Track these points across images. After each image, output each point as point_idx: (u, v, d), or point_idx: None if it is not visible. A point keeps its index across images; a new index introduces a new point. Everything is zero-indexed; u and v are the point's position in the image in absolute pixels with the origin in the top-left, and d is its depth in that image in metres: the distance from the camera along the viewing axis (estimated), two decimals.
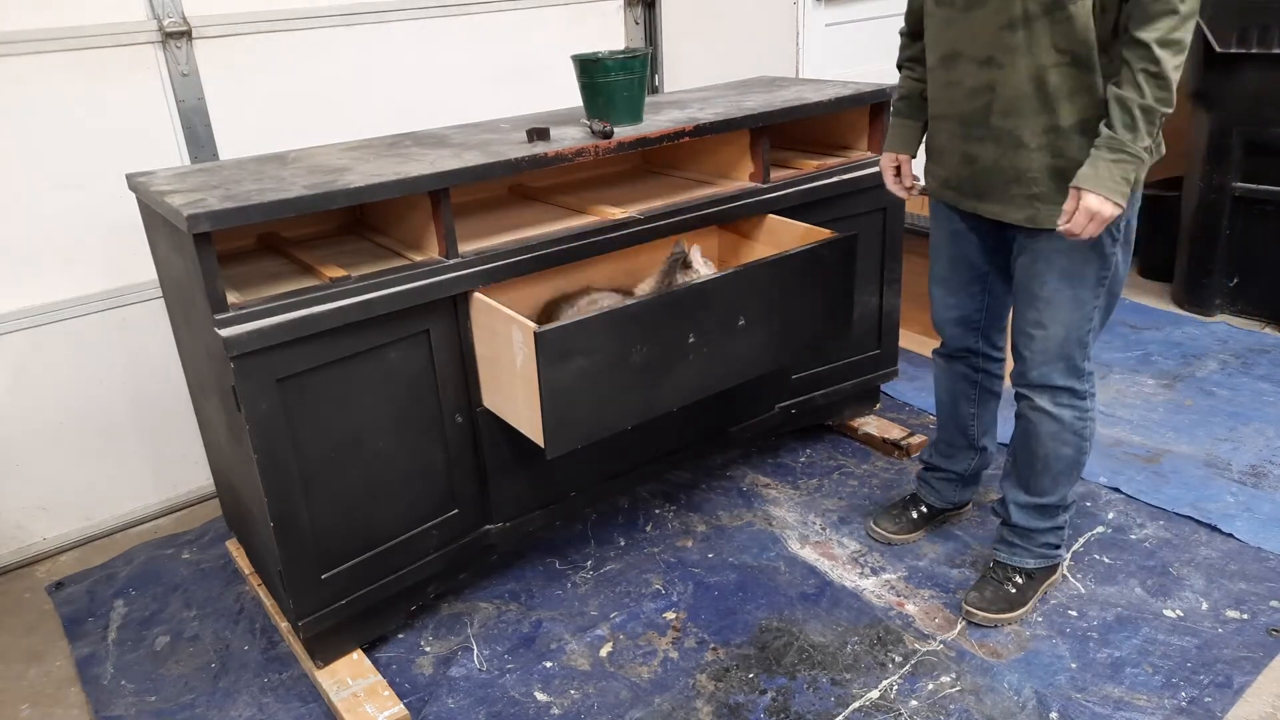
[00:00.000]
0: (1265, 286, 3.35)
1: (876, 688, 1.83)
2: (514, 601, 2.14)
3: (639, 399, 1.86)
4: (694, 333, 1.88)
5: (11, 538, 2.39)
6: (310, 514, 1.77)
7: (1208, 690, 1.78)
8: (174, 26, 2.25)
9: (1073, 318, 1.79)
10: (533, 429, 1.77)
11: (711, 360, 1.91)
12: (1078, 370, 1.85)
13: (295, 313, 1.65)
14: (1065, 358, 1.83)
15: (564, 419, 1.74)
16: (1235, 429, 2.67)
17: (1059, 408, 1.87)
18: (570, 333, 1.70)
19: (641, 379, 1.84)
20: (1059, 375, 1.85)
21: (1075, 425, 1.88)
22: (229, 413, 1.73)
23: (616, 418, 1.84)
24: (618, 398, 1.82)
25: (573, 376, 1.72)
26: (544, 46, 2.87)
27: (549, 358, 1.67)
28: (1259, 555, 2.14)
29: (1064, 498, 1.97)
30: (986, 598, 2.00)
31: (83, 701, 1.94)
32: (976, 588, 2.03)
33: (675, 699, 1.83)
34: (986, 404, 2.16)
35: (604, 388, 1.78)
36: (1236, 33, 3.10)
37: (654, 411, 1.90)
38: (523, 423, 1.82)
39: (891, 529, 2.25)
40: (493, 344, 1.84)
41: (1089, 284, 1.77)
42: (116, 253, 2.32)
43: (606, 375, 1.78)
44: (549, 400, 1.70)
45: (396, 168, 1.81)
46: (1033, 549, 2.00)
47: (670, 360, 1.86)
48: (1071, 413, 1.88)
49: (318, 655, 1.89)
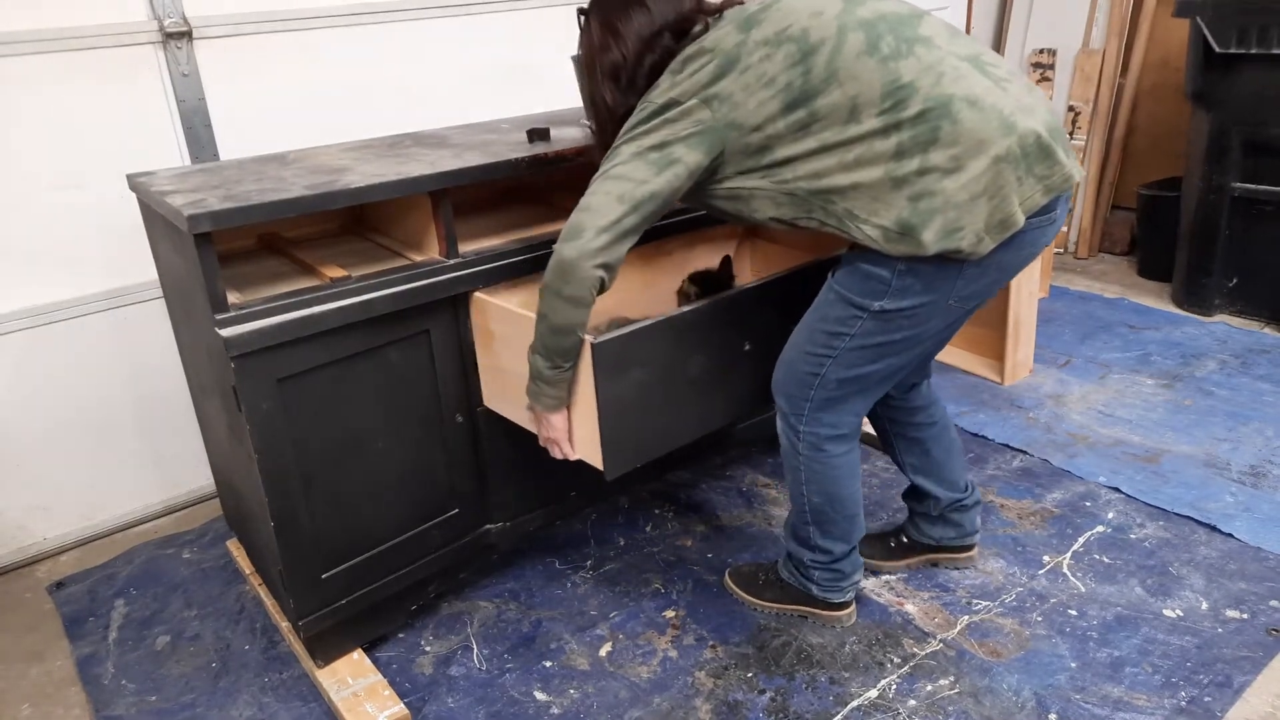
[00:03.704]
0: (1265, 287, 3.35)
1: (875, 687, 1.83)
2: (514, 601, 2.15)
3: (696, 413, 1.80)
4: (749, 340, 1.83)
5: (12, 538, 2.39)
6: (311, 514, 1.77)
7: (1207, 690, 1.78)
8: (174, 27, 2.26)
9: (800, 348, 1.72)
10: (588, 449, 1.69)
11: (766, 369, 1.82)
12: (795, 404, 1.75)
13: (296, 313, 1.65)
14: (786, 380, 1.75)
15: (623, 436, 1.66)
16: (1235, 429, 2.67)
17: (779, 426, 1.82)
18: (628, 342, 1.62)
19: (698, 391, 1.78)
20: (781, 395, 1.77)
21: (789, 456, 1.82)
22: (229, 412, 1.74)
23: (674, 433, 1.77)
24: (675, 412, 1.75)
25: (631, 390, 1.65)
26: (545, 47, 2.87)
27: (606, 370, 1.59)
28: (1258, 555, 2.14)
29: (807, 534, 1.88)
30: (741, 571, 2.10)
31: (83, 701, 1.94)
32: (745, 564, 2.13)
33: (674, 698, 1.84)
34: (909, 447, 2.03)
35: (661, 401, 1.71)
36: (1236, 33, 3.11)
37: (710, 426, 1.84)
38: (578, 443, 1.72)
39: (865, 553, 2.11)
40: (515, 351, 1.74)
41: (823, 328, 1.67)
42: (117, 253, 2.32)
43: (663, 388, 1.71)
44: (608, 417, 1.62)
45: (397, 168, 1.82)
46: (788, 563, 1.99)
47: (726, 370, 1.81)
48: (785, 439, 1.81)
49: (318, 655, 1.90)
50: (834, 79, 1.47)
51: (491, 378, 1.90)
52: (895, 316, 1.60)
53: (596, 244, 1.50)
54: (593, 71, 1.70)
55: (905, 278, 1.55)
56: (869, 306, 1.60)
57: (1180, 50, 3.54)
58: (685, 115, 1.52)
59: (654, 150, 1.52)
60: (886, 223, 1.48)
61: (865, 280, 1.59)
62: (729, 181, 1.60)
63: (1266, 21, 3.04)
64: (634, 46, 1.62)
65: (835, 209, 1.52)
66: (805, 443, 1.78)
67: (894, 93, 1.45)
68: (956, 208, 1.46)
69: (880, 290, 1.58)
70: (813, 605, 1.98)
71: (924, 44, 1.50)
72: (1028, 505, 2.38)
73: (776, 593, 2.02)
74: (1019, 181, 1.48)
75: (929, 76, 1.46)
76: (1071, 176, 1.54)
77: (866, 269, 1.58)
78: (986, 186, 1.46)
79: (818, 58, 1.48)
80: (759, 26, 1.53)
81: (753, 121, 1.51)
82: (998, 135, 1.45)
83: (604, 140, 1.70)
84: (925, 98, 1.45)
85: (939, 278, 1.55)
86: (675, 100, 1.53)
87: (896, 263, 1.54)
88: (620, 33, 1.63)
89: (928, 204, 1.46)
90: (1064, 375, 3.06)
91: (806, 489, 1.82)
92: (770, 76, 1.49)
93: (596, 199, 1.53)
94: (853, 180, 1.49)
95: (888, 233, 1.49)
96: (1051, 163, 1.50)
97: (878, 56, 1.47)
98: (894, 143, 1.46)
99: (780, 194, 1.56)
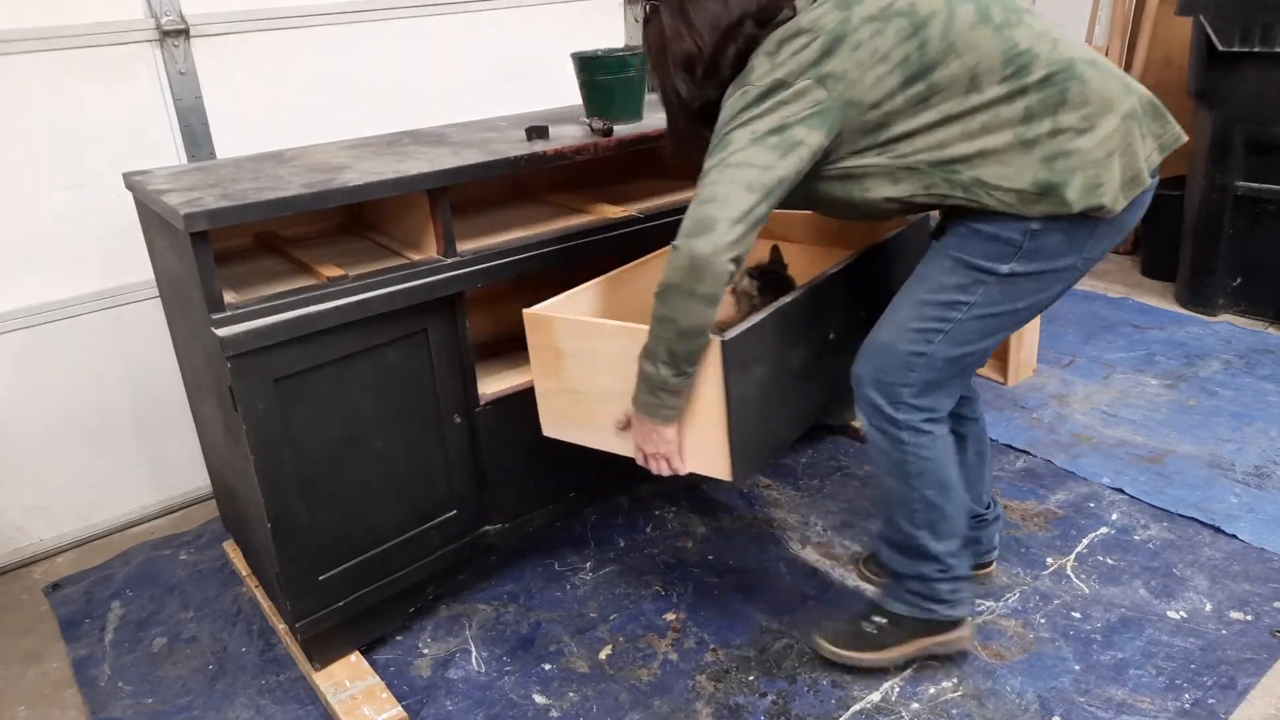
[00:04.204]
0: (1269, 286, 3.34)
1: (877, 690, 1.82)
2: (513, 603, 2.13)
3: (798, 408, 1.73)
4: (833, 329, 1.76)
5: (8, 539, 2.38)
6: (308, 515, 1.75)
7: (1211, 692, 1.77)
8: (171, 25, 2.24)
9: (902, 326, 1.61)
10: (706, 457, 1.57)
11: (844, 359, 1.74)
12: (892, 392, 1.62)
13: (292, 312, 1.63)
14: (880, 368, 1.63)
15: (749, 439, 1.56)
16: (1239, 429, 2.65)
17: (870, 427, 1.67)
18: (751, 337, 1.53)
19: (798, 385, 1.71)
20: (871, 386, 1.64)
21: (891, 454, 1.66)
22: (226, 413, 1.72)
23: (784, 432, 1.70)
24: (785, 408, 1.67)
25: (752, 388, 1.55)
26: (544, 44, 2.86)
27: (735, 369, 1.49)
28: (1263, 556, 2.13)
29: (919, 543, 1.72)
30: (838, 630, 1.85)
31: (79, 703, 1.93)
32: (834, 620, 1.89)
33: (675, 701, 1.82)
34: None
35: (775, 398, 1.63)
36: (1239, 31, 3.09)
37: (808, 421, 1.77)
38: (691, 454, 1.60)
39: (877, 571, 2.09)
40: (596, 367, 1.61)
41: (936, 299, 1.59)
42: (113, 252, 2.31)
43: (775, 384, 1.62)
44: (738, 419, 1.52)
45: (395, 166, 1.80)
46: (901, 593, 1.80)
47: (817, 361, 1.74)
48: (882, 437, 1.66)
49: (315, 657, 1.88)
50: (951, 50, 1.46)
51: (557, 402, 1.73)
52: (1023, 280, 1.55)
53: (731, 236, 1.43)
54: (664, 62, 1.63)
55: (1039, 238, 1.51)
56: (996, 270, 1.54)
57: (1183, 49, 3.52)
58: (800, 96, 1.47)
59: (773, 134, 1.47)
60: (1022, 185, 1.46)
61: (990, 242, 1.53)
62: (843, 162, 1.55)
63: (1270, 20, 3.03)
64: (711, 37, 1.56)
65: (960, 179, 1.50)
66: (908, 430, 1.65)
67: (1014, 59, 1.45)
68: (1095, 164, 1.45)
69: (1009, 252, 1.52)
70: (940, 631, 1.81)
71: (1029, 13, 1.51)
72: (1031, 506, 2.36)
73: (899, 634, 1.81)
74: (1142, 139, 1.50)
75: (1045, 42, 1.47)
76: (1180, 136, 1.56)
77: (991, 230, 1.53)
78: (1119, 144, 1.47)
79: (930, 30, 1.46)
80: (861, 4, 1.49)
81: (871, 98, 1.48)
82: (1121, 94, 1.48)
83: (675, 131, 1.69)
84: (1048, 62, 1.45)
85: (1074, 236, 1.52)
86: (783, 81, 1.48)
87: (1030, 222, 1.50)
88: (694, 22, 1.57)
89: (1065, 163, 1.45)
90: (1068, 375, 3.04)
91: (917, 484, 1.68)
92: (884, 52, 1.46)
93: (722, 188, 1.45)
94: (978, 148, 1.47)
95: (1024, 195, 1.47)
96: (1164, 122, 1.54)
97: (992, 26, 1.46)
98: (1021, 107, 1.45)
99: (899, 169, 1.53)
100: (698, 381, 1.52)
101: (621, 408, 1.63)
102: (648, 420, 1.56)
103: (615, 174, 2.50)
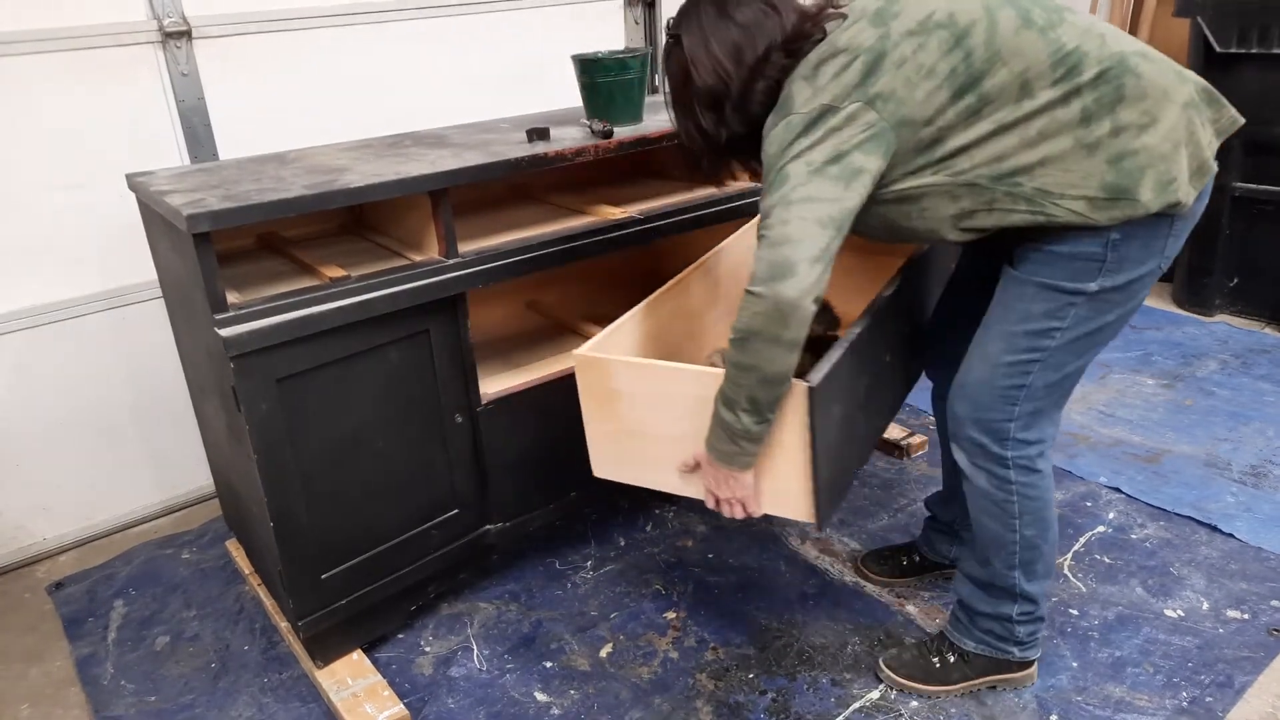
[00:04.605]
0: (1265, 286, 3.35)
1: (877, 688, 1.83)
2: (514, 601, 2.14)
3: (865, 437, 1.69)
4: (889, 351, 1.72)
5: (11, 538, 2.39)
6: (310, 514, 1.76)
7: (1209, 690, 1.78)
8: (174, 26, 2.25)
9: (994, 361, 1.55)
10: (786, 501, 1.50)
11: (896, 379, 1.70)
12: (997, 430, 1.57)
13: (295, 313, 1.64)
14: (979, 406, 1.57)
15: (831, 479, 1.50)
16: (1235, 429, 2.66)
17: (974, 468, 1.62)
18: (833, 377, 1.47)
19: (865, 415, 1.66)
20: (974, 426, 1.59)
21: (994, 495, 1.62)
22: (229, 413, 1.73)
23: (855, 464, 1.65)
24: (857, 440, 1.64)
25: (833, 428, 1.49)
26: (544, 46, 2.87)
27: (821, 412, 1.43)
28: (1259, 555, 2.14)
29: (1010, 583, 1.69)
30: (903, 659, 1.83)
31: (82, 701, 1.94)
32: (901, 646, 1.89)
33: (675, 699, 1.83)
34: None
35: (850, 433, 1.59)
36: (1236, 32, 3.11)
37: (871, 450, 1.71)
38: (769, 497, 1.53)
39: (875, 570, 2.11)
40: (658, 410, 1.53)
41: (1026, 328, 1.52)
42: (116, 253, 2.32)
43: (849, 417, 1.58)
44: (822, 461, 1.45)
45: (396, 167, 1.81)
46: (975, 632, 1.77)
47: (879, 386, 1.70)
48: (987, 477, 1.61)
49: (317, 655, 1.89)
50: (998, 58, 1.39)
51: (613, 444, 1.64)
52: (1112, 294, 1.48)
53: (812, 276, 1.35)
54: (687, 97, 1.55)
55: (1120, 247, 1.43)
56: (1084, 289, 1.46)
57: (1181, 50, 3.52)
58: (851, 120, 1.39)
59: (831, 164, 1.38)
60: (1090, 191, 1.39)
61: (1071, 261, 1.46)
62: (899, 184, 1.47)
63: (1267, 21, 3.04)
64: (738, 71, 1.49)
65: (1023, 190, 1.42)
66: (1017, 469, 1.59)
67: (1063, 60, 1.39)
68: (1164, 159, 1.39)
69: (1093, 269, 1.45)
70: (1009, 670, 1.78)
71: (1069, 11, 1.45)
72: None
73: (967, 671, 1.79)
74: (1202, 126, 1.44)
75: (1092, 39, 1.41)
76: (1237, 119, 1.49)
77: (1068, 250, 1.45)
78: (1183, 134, 1.41)
79: (973, 40, 1.40)
80: (897, 19, 1.43)
81: (923, 115, 1.41)
82: (1177, 83, 1.41)
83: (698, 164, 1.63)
84: (1098, 59, 1.39)
85: (1153, 239, 1.45)
86: (830, 106, 1.40)
87: (1108, 233, 1.42)
88: (719, 56, 1.50)
89: (1132, 162, 1.38)
90: None
91: (1020, 524, 1.63)
92: (930, 67, 1.39)
93: (794, 228, 1.35)
94: (1040, 155, 1.40)
95: (1094, 202, 1.39)
96: (1219, 106, 1.47)
97: (1036, 29, 1.40)
98: (1078, 109, 1.38)
99: (958, 186, 1.45)
100: (779, 426, 1.46)
101: (686, 450, 1.56)
102: (724, 467, 1.49)
103: (615, 175, 2.51)
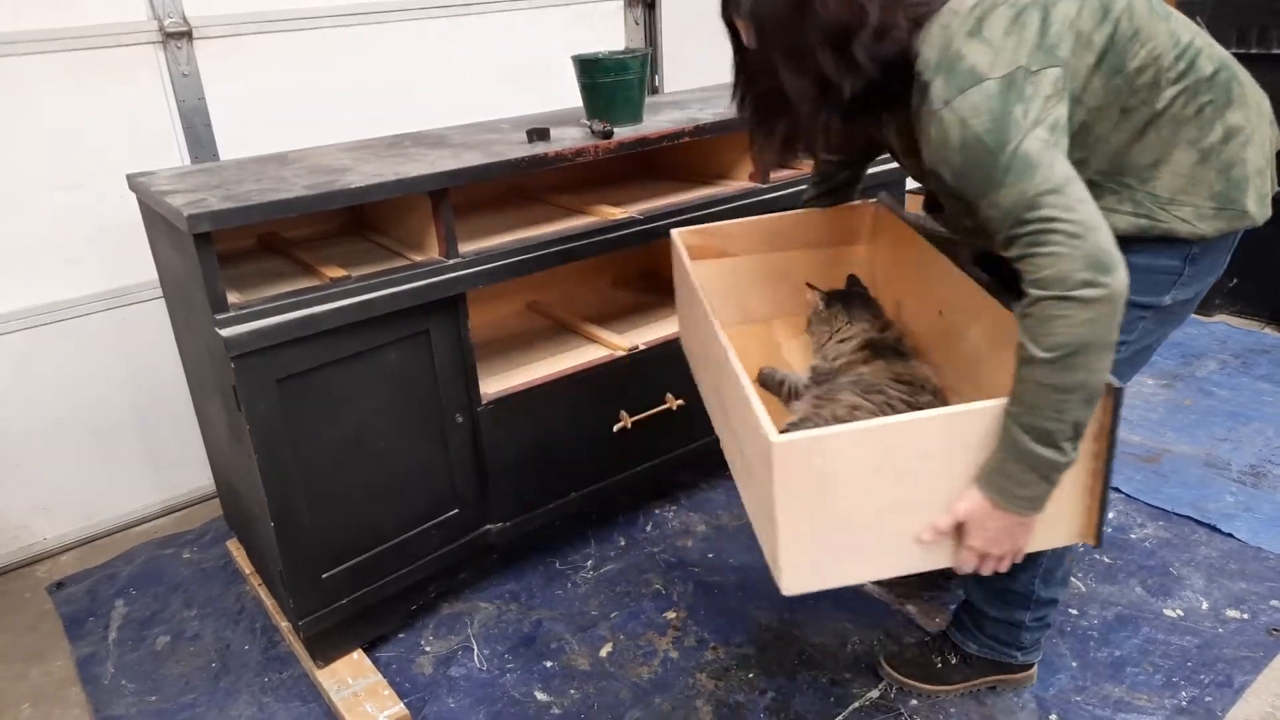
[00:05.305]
0: (1265, 287, 3.35)
1: (876, 688, 1.83)
2: (514, 601, 2.14)
3: None
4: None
5: (12, 537, 2.39)
6: (311, 514, 1.77)
7: (1208, 690, 1.78)
8: (174, 27, 2.25)
9: None
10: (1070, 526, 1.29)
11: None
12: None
13: (295, 313, 1.65)
14: None
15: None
16: (1235, 429, 2.67)
17: None
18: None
19: None
20: None
21: None
22: (229, 413, 1.74)
23: None
24: None
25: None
26: (544, 46, 2.87)
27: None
28: (1259, 555, 2.14)
29: (1029, 589, 1.66)
30: (904, 658, 1.83)
31: (83, 701, 1.94)
32: (903, 645, 1.88)
33: (675, 699, 1.83)
34: None
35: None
36: (1236, 33, 3.10)
37: None
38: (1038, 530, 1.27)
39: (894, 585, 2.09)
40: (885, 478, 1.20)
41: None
42: (117, 253, 2.32)
43: None
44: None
45: (397, 168, 1.81)
46: (980, 636, 1.76)
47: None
48: None
49: (318, 655, 1.90)
50: (1138, 38, 1.25)
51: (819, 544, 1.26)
52: (1180, 308, 1.41)
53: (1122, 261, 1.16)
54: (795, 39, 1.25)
55: (1199, 261, 1.35)
56: (1158, 303, 1.38)
57: None
58: (1055, 87, 1.19)
59: (1058, 136, 1.18)
60: (1199, 200, 1.30)
61: (1148, 274, 1.34)
62: None
63: (1266, 22, 3.04)
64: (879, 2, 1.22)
65: (1133, 194, 1.31)
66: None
67: (1184, 53, 1.27)
68: (1259, 174, 1.32)
69: (1168, 281, 1.36)
70: (1009, 672, 1.79)
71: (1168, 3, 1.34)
72: None
73: (968, 672, 1.79)
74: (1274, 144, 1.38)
75: (1201, 36, 1.30)
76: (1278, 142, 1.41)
77: (1144, 262, 1.32)
78: (1270, 151, 1.35)
79: (1117, 12, 1.24)
80: None
81: (1075, 92, 1.24)
82: (1262, 96, 1.34)
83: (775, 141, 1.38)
84: (1210, 56, 1.28)
85: (1223, 251, 1.39)
86: (1025, 68, 1.17)
87: (1190, 246, 1.33)
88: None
89: (1240, 171, 1.30)
90: None
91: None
92: (1087, 36, 1.22)
93: (1083, 213, 1.13)
94: (1154, 157, 1.29)
95: (1201, 210, 1.30)
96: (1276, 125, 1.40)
97: (1159, 15, 1.27)
98: (1194, 108, 1.28)
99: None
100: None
101: (933, 512, 1.24)
102: (1021, 515, 1.21)
103: (615, 175, 2.51)
